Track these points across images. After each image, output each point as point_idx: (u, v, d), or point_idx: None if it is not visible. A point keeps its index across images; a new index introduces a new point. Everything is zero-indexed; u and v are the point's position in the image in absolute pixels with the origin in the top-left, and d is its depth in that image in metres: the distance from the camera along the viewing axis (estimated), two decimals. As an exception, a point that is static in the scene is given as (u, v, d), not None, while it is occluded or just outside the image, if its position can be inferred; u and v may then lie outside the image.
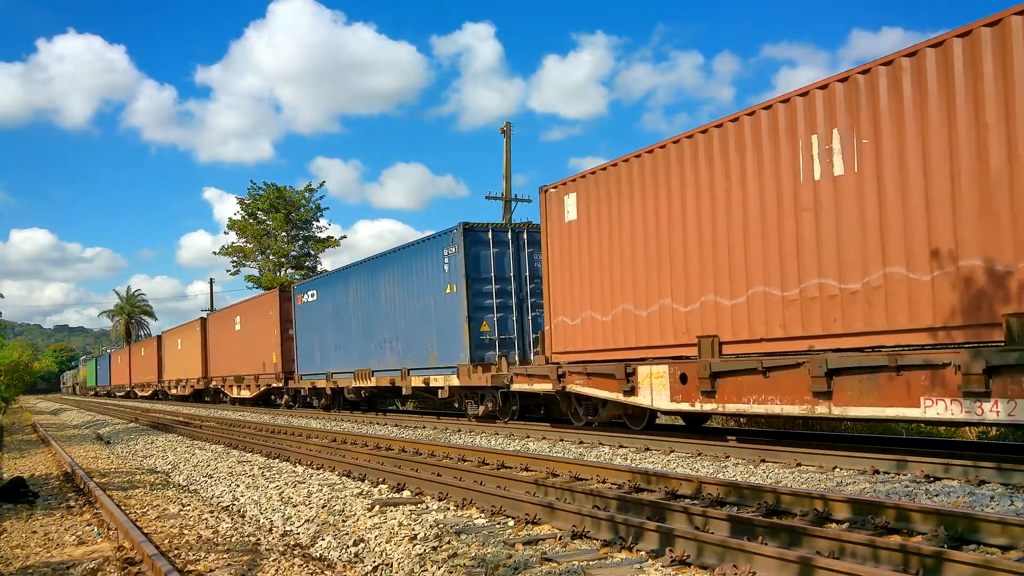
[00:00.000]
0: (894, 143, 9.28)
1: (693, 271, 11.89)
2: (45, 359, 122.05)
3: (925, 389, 8.75)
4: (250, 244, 55.58)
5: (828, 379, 9.67)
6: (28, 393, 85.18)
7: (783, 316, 10.54)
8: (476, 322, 18.01)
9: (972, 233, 8.52)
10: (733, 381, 11.05)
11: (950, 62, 8.77)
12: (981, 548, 5.66)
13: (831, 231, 9.96)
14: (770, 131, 10.72)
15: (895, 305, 9.24)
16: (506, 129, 31.11)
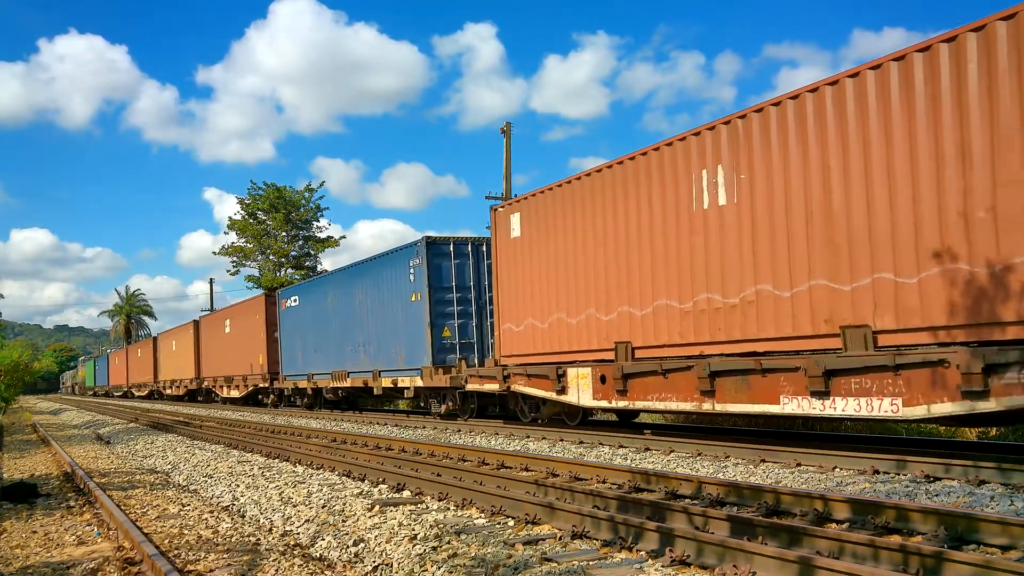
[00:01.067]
0: (764, 179, 10.94)
1: (612, 285, 13.55)
2: (45, 359, 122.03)
3: (783, 388, 10.47)
4: (250, 244, 55.59)
5: (711, 380, 11.37)
6: (28, 393, 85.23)
7: (680, 325, 12.21)
8: (438, 328, 19.62)
9: (819, 258, 10.20)
10: (641, 381, 12.76)
11: (803, 113, 10.41)
12: (981, 548, 5.66)
13: (717, 253, 11.63)
14: (671, 165, 12.39)
15: (764, 316, 10.90)
16: (506, 129, 31.12)
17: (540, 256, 15.47)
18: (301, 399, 29.09)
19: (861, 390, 9.60)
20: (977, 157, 8.63)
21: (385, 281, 21.89)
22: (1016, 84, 8.29)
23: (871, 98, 9.63)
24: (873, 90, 9.60)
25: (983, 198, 8.55)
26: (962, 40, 8.74)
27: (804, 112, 10.39)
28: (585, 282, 14.22)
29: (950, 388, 8.70)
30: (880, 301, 9.54)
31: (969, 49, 8.69)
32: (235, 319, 35.40)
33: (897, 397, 9.28)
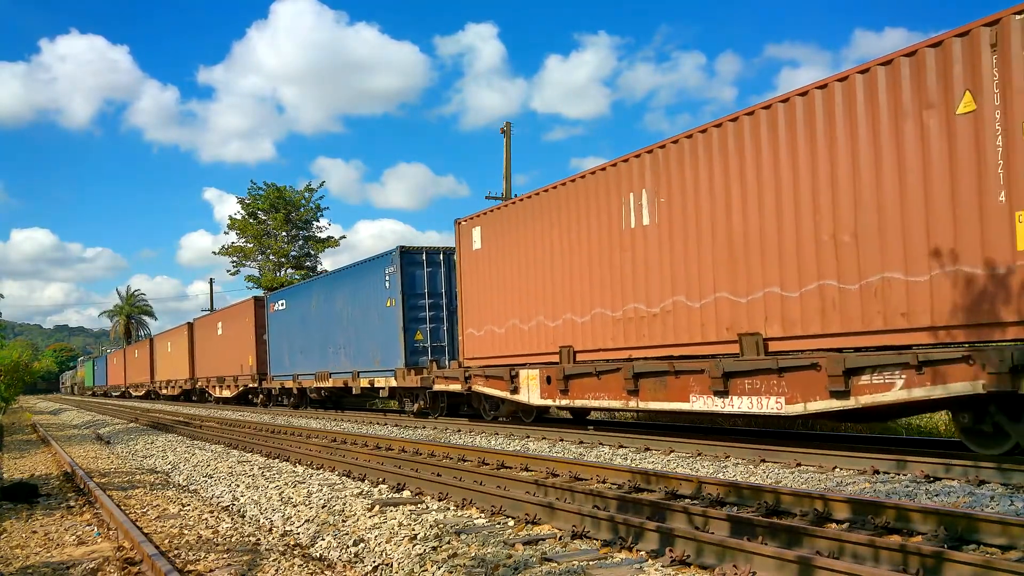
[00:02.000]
0: (680, 203, 12.35)
1: (557, 294, 14.98)
2: (45, 359, 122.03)
3: (692, 388, 11.82)
4: (250, 244, 55.57)
5: (635, 380, 12.78)
6: (28, 393, 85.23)
7: (613, 332, 13.61)
8: (411, 332, 20.97)
9: (722, 274, 11.59)
10: (580, 382, 14.15)
11: (709, 145, 11.84)
12: (981, 548, 5.66)
13: (642, 268, 13.03)
14: (605, 188, 13.82)
15: (679, 325, 12.32)
16: (506, 129, 31.12)
17: (498, 267, 16.84)
18: (288, 399, 30.47)
19: (753, 390, 10.95)
20: (843, 187, 9.96)
21: (363, 287, 23.24)
22: (868, 131, 9.68)
23: (763, 133, 11.00)
24: (765, 127, 10.98)
25: (847, 224, 9.89)
26: (832, 87, 10.12)
27: (710, 144, 11.80)
28: (535, 291, 15.65)
29: (820, 388, 9.95)
30: (770, 312, 10.92)
31: (835, 91, 10.08)
32: (227, 322, 36.73)
33: (781, 396, 10.62)
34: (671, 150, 12.47)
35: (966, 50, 8.76)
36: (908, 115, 9.29)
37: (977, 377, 8.44)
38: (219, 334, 37.62)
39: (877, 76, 9.59)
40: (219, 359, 37.62)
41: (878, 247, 9.58)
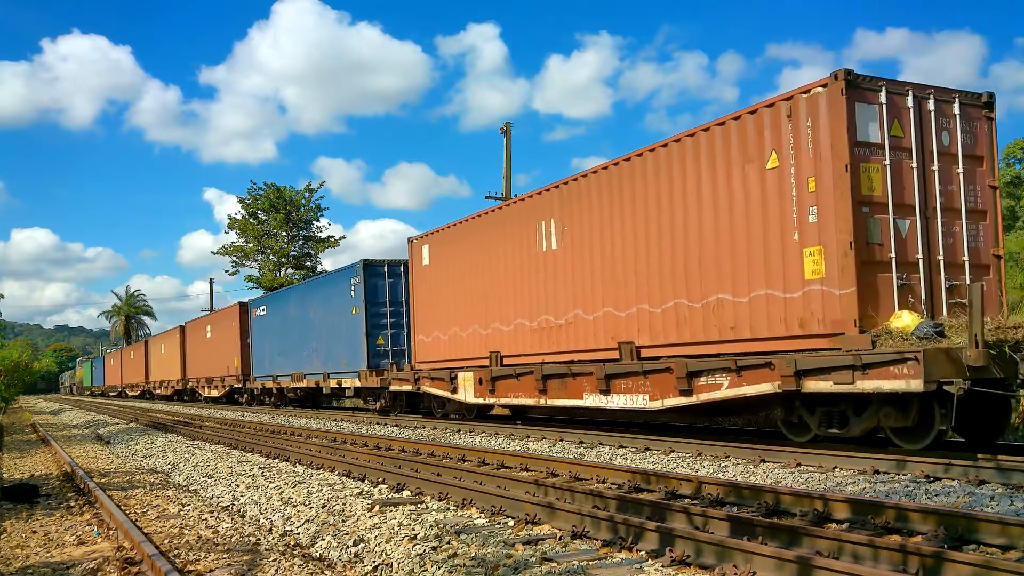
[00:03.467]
0: (579, 231, 14.56)
1: (489, 306, 17.11)
2: (45, 359, 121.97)
3: (585, 387, 13.99)
4: (250, 244, 55.55)
5: (544, 381, 14.94)
6: (28, 393, 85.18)
7: (530, 339, 15.80)
8: (373, 337, 23.12)
9: (608, 292, 13.77)
10: (504, 382, 16.30)
11: (599, 184, 14.07)
12: (981, 548, 5.67)
13: (552, 285, 15.20)
14: (524, 215, 16.15)
15: (578, 334, 14.49)
16: (506, 129, 31.12)
17: (442, 281, 19.09)
18: (269, 398, 32.58)
19: (627, 389, 13.07)
20: (691, 224, 12.13)
21: (332, 296, 25.40)
22: (709, 179, 11.80)
23: (636, 177, 13.20)
24: (638, 172, 13.15)
25: (694, 254, 12.10)
26: (684, 141, 12.26)
27: (600, 184, 14.03)
28: (472, 303, 17.77)
29: (672, 387, 12.12)
30: (640, 324, 13.07)
31: (686, 145, 12.22)
32: (215, 325, 38.89)
33: (646, 394, 12.70)
34: (573, 187, 14.76)
35: (773, 118, 10.88)
36: (736, 167, 11.37)
37: (775, 379, 10.46)
38: (208, 337, 39.56)
39: (715, 135, 11.73)
40: (208, 361, 39.43)
41: (715, 274, 11.71)
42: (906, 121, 10.51)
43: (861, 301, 9.88)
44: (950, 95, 10.86)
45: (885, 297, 10.07)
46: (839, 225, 10.05)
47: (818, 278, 10.29)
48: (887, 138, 10.31)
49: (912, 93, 10.57)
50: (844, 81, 10.05)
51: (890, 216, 10.22)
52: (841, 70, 10.15)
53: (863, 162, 10.14)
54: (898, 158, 10.40)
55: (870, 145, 10.26)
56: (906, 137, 10.47)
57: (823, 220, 10.26)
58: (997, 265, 11.00)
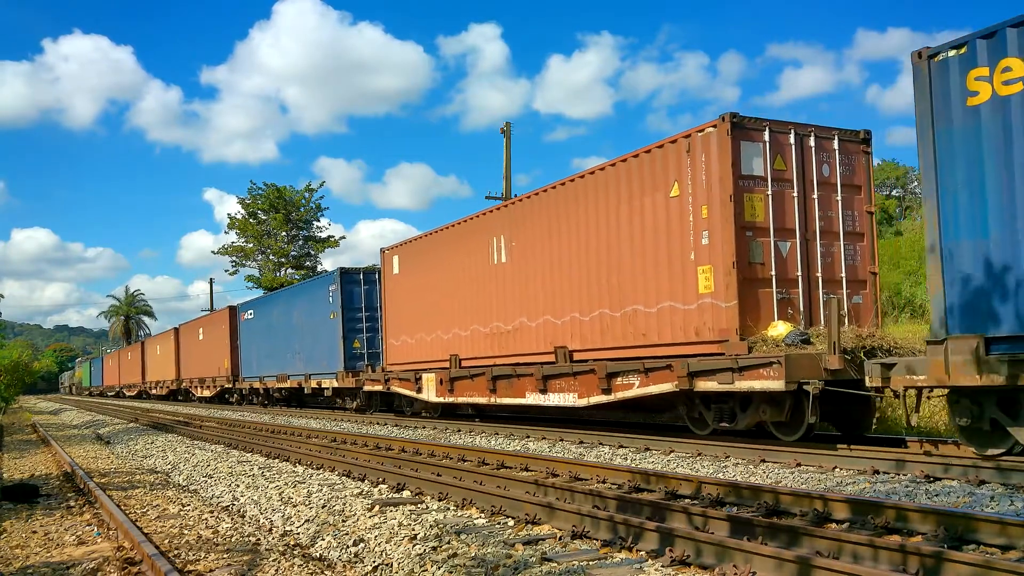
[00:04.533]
0: (523, 247, 16.12)
1: (449, 313, 18.60)
2: (45, 359, 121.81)
3: (527, 387, 15.51)
4: (250, 244, 55.55)
5: (494, 382, 16.46)
6: (28, 393, 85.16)
7: (484, 344, 17.26)
8: (350, 340, 24.77)
9: (547, 302, 15.28)
10: (461, 383, 17.78)
11: (542, 205, 15.57)
12: (981, 548, 5.67)
13: (502, 295, 16.65)
14: (479, 231, 17.64)
15: (522, 339, 16.03)
16: (506, 129, 31.14)
17: (410, 289, 20.65)
18: (257, 398, 34.23)
19: (561, 388, 14.63)
20: (613, 243, 13.65)
21: (313, 302, 27.04)
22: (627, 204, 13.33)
23: (568, 200, 14.77)
24: (571, 195, 14.72)
25: (615, 270, 13.56)
26: (607, 169, 13.79)
27: (541, 204, 15.63)
28: (435, 310, 19.30)
29: (595, 387, 13.61)
30: (573, 331, 14.57)
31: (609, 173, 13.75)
32: (207, 328, 40.60)
33: (575, 392, 14.21)
34: (519, 207, 16.44)
35: (675, 153, 12.32)
36: (647, 195, 12.84)
37: (674, 380, 11.90)
38: (200, 339, 41.24)
39: (631, 165, 13.20)
40: (200, 362, 41.14)
41: (631, 287, 13.18)
42: (788, 156, 11.95)
43: (742, 312, 11.37)
44: (830, 132, 12.30)
45: (765, 309, 11.58)
46: (724, 247, 11.53)
47: (709, 292, 11.78)
48: (770, 171, 11.77)
49: (794, 131, 12.04)
50: (730, 123, 11.52)
51: (771, 239, 11.73)
52: (728, 113, 11.57)
53: (747, 192, 11.62)
54: (780, 188, 11.89)
55: (754, 177, 11.71)
56: (788, 170, 11.93)
57: (713, 242, 11.73)
58: (873, 281, 12.47)
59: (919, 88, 9.01)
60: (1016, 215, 8.14)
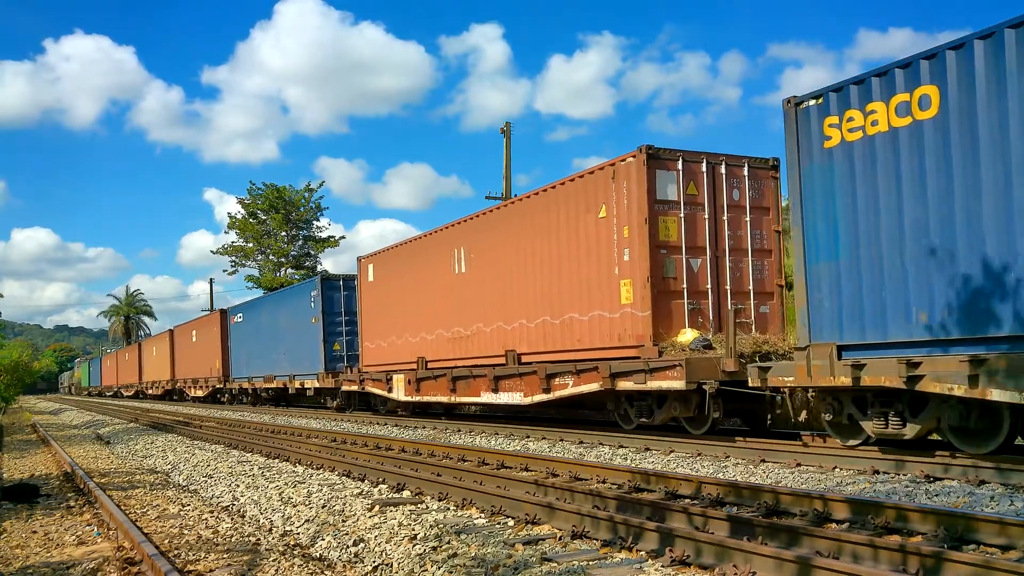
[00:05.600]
0: (480, 258, 17.52)
1: (417, 318, 20.11)
2: (45, 359, 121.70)
3: (482, 387, 16.97)
4: (250, 244, 55.49)
5: (454, 382, 17.95)
6: (28, 393, 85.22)
7: (447, 347, 18.72)
8: (330, 343, 26.43)
9: (499, 309, 16.69)
10: (426, 383, 19.28)
11: (496, 220, 17.00)
12: (981, 548, 5.67)
13: (462, 302, 18.08)
14: (442, 243, 19.11)
15: (479, 343, 17.41)
16: (506, 129, 31.14)
17: (384, 296, 22.11)
18: (246, 397, 35.76)
19: (510, 387, 16.11)
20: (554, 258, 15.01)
21: (297, 306, 28.53)
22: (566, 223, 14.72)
23: (518, 218, 16.15)
24: (519, 214, 16.14)
25: (555, 281, 14.96)
26: (549, 191, 15.26)
27: (496, 220, 17.06)
28: (405, 315, 20.75)
29: (538, 386, 15.15)
30: (521, 336, 15.97)
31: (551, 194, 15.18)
32: (199, 331, 42.10)
33: (521, 391, 15.74)
34: (477, 221, 17.79)
35: (604, 179, 13.74)
36: (582, 215, 14.27)
37: (599, 380, 13.38)
38: (194, 341, 42.79)
39: (569, 188, 14.68)
40: (194, 363, 42.79)
41: (568, 296, 14.60)
42: (700, 182, 13.33)
43: (655, 321, 12.80)
44: (740, 160, 13.61)
45: (677, 318, 13.03)
46: (641, 263, 12.97)
47: (629, 303, 13.22)
48: (683, 196, 13.19)
49: (706, 160, 13.41)
50: (646, 154, 13.00)
51: (683, 256, 13.16)
52: (644, 146, 13.06)
53: (661, 215, 13.05)
54: (692, 211, 13.29)
55: (668, 202, 13.13)
56: (700, 194, 13.32)
57: (632, 259, 13.18)
58: (780, 292, 13.74)
59: (788, 130, 10.36)
60: (858, 243, 9.55)
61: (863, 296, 9.51)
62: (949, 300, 8.64)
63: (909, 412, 9.39)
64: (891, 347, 9.26)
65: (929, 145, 8.89)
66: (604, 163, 13.84)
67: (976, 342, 8.47)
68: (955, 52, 8.68)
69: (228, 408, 35.58)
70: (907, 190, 9.08)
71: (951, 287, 8.61)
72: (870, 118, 9.45)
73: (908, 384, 8.87)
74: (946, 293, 8.67)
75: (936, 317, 8.74)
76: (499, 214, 17.05)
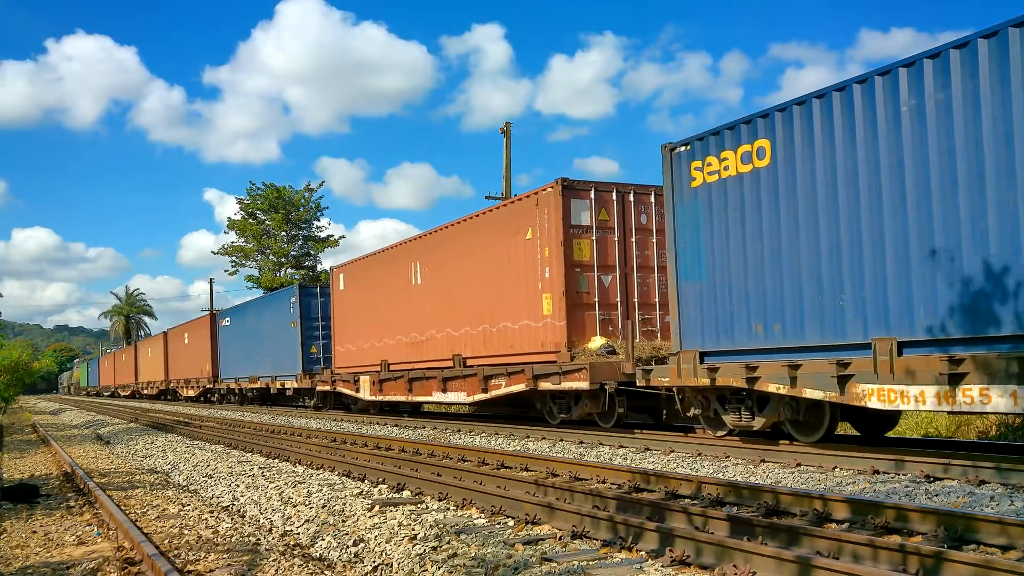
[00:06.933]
0: (433, 271, 19.44)
1: (381, 325, 22.10)
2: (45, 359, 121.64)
3: (433, 387, 18.87)
4: (250, 244, 55.46)
5: (410, 383, 19.90)
6: (28, 393, 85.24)
7: (405, 351, 20.69)
8: (307, 346, 28.37)
9: (449, 318, 18.56)
10: (388, 384, 21.26)
11: (449, 236, 18.78)
12: (981, 548, 5.67)
13: (418, 310, 19.98)
14: (400, 256, 21.19)
15: (433, 347, 19.29)
16: (506, 129, 31.12)
17: (353, 303, 24.25)
18: (234, 397, 37.53)
19: (455, 388, 18.03)
20: (492, 274, 16.83)
21: (278, 312, 30.48)
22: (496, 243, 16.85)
23: (461, 236, 18.17)
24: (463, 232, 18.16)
25: (492, 295, 16.84)
26: (487, 215, 17.44)
27: (445, 238, 18.94)
28: (370, 322, 22.80)
29: (478, 387, 17.00)
30: (468, 342, 17.82)
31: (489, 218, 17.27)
32: (191, 333, 44.07)
33: (464, 391, 17.62)
34: (430, 238, 19.75)
35: (529, 205, 15.76)
36: (512, 236, 16.21)
37: (525, 381, 15.43)
38: (186, 343, 44.74)
39: (503, 213, 16.78)
40: (186, 364, 44.70)
41: (503, 307, 16.49)
42: (611, 209, 15.27)
43: (570, 330, 14.74)
44: (648, 189, 15.42)
45: (590, 327, 14.94)
46: (558, 280, 14.90)
47: (549, 314, 15.13)
48: (595, 221, 15.09)
49: (616, 190, 15.31)
50: (562, 186, 14.98)
51: (595, 273, 15.03)
52: (561, 179, 15.04)
53: (575, 238, 14.98)
54: (603, 234, 15.19)
55: (581, 226, 15.06)
56: (611, 220, 15.26)
57: (551, 276, 15.08)
58: None
59: (665, 171, 12.18)
60: (715, 267, 11.40)
61: (719, 310, 11.36)
62: (777, 315, 10.53)
63: (756, 407, 11.11)
64: (738, 353, 11.04)
65: (764, 188, 10.68)
66: (530, 192, 15.89)
67: (795, 350, 10.29)
68: (780, 113, 10.46)
69: (228, 408, 35.66)
70: (748, 225, 10.90)
71: (779, 304, 10.50)
72: (723, 163, 11.28)
73: (749, 384, 10.69)
74: (775, 309, 10.54)
75: (769, 328, 10.64)
76: (448, 232, 18.84)
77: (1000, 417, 12.60)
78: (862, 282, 9.54)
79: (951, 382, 8.47)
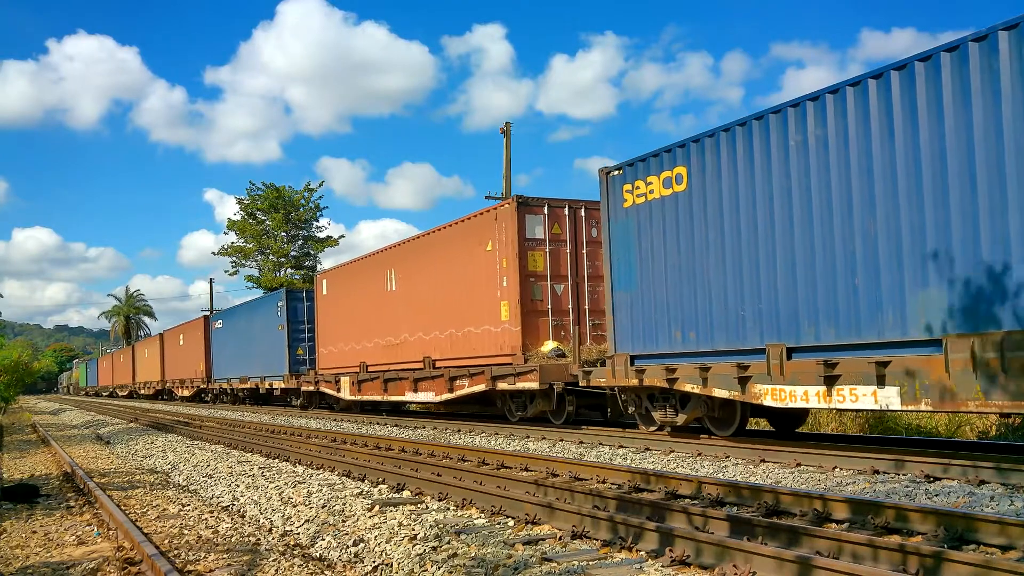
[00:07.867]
0: (407, 279, 20.69)
1: (360, 328, 23.50)
2: (45, 359, 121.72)
3: (406, 387, 20.13)
4: (249, 244, 55.42)
5: (385, 383, 21.22)
6: (28, 393, 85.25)
7: (382, 353, 21.98)
8: (294, 348, 29.64)
9: (420, 322, 19.81)
10: (366, 384, 22.60)
11: (421, 246, 20.11)
12: (981, 548, 5.67)
13: (394, 315, 21.29)
14: (378, 264, 22.52)
15: (407, 350, 20.51)
16: (506, 129, 31.11)
17: (335, 308, 25.69)
18: (226, 396, 38.67)
19: (425, 388, 19.32)
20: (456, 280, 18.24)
21: (266, 315, 31.75)
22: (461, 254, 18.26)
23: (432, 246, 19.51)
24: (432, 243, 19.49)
25: (459, 300, 18.08)
26: (453, 227, 18.74)
27: (417, 247, 20.32)
28: (351, 325, 24.21)
29: (445, 387, 18.24)
30: (437, 345, 19.12)
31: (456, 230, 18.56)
32: (186, 335, 45.40)
33: (433, 391, 18.85)
34: (404, 247, 21.11)
35: (489, 219, 17.06)
36: (474, 247, 17.55)
37: (485, 381, 16.77)
38: (181, 345, 46.09)
39: (467, 226, 17.91)
40: (181, 365, 46.06)
41: (467, 313, 17.77)
42: (564, 224, 16.67)
43: (524, 334, 16.11)
44: (598, 205, 15.13)
45: (543, 332, 16.28)
46: (514, 289, 16.22)
47: (507, 320, 16.42)
48: (548, 235, 16.53)
49: (568, 206, 16.73)
50: (517, 203, 16.40)
51: (548, 282, 16.44)
52: (516, 196, 16.50)
53: (530, 251, 16.38)
54: (556, 247, 16.62)
55: (536, 240, 16.47)
56: (563, 233, 16.66)
57: (508, 285, 16.38)
58: None
59: (602, 192, 13.45)
60: (643, 279, 12.63)
61: (645, 318, 12.55)
62: (692, 323, 11.75)
63: (680, 405, 12.33)
64: (661, 357, 12.28)
65: (682, 210, 11.90)
66: (491, 207, 17.32)
67: (706, 354, 11.50)
68: (695, 144, 11.62)
69: (225, 408, 35.75)
70: (668, 243, 12.14)
71: (693, 313, 11.73)
72: (649, 187, 12.51)
73: (670, 384, 11.91)
74: (690, 317, 11.78)
75: (685, 335, 11.89)
76: (419, 242, 20.32)
77: (1000, 417, 12.62)
78: (759, 295, 10.75)
79: (827, 383, 9.66)
